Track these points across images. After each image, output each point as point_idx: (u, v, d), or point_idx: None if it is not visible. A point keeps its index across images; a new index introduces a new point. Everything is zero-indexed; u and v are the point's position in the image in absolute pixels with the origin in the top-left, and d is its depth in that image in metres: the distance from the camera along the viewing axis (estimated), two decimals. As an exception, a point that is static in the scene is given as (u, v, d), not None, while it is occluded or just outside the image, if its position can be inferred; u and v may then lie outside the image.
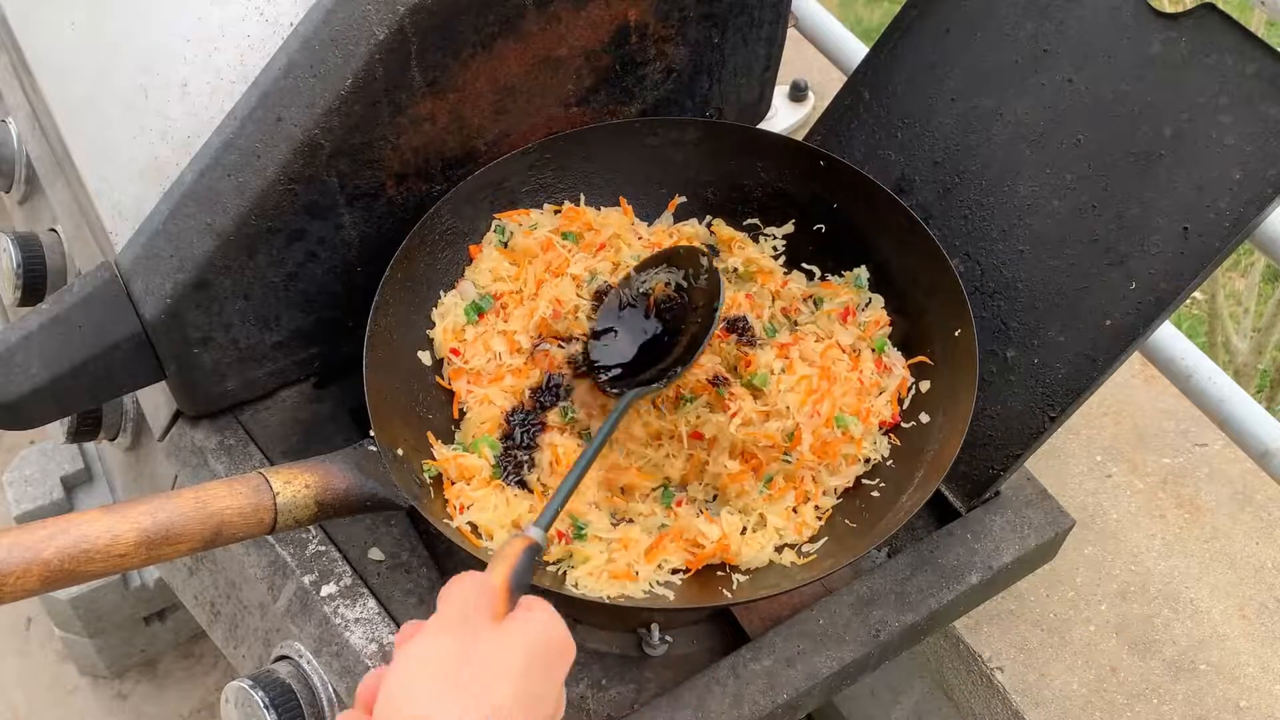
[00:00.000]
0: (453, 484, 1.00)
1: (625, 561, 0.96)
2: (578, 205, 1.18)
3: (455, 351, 1.09)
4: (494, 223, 1.15)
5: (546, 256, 1.13)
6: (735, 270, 1.18)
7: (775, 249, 1.18)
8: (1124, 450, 1.42)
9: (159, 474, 1.25)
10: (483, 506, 0.98)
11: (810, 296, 1.15)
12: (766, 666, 1.00)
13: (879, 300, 1.13)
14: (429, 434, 1.03)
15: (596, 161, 1.17)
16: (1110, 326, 1.01)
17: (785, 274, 1.17)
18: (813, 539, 1.01)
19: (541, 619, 0.71)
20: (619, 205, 1.19)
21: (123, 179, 1.02)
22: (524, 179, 1.15)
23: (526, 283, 1.12)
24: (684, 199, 1.20)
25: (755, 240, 1.19)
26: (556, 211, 1.17)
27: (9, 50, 1.18)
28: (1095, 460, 1.41)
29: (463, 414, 1.07)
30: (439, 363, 1.10)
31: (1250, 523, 1.36)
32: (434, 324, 1.10)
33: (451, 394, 1.08)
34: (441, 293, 1.11)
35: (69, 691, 1.95)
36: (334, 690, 0.98)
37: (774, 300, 1.15)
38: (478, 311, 1.10)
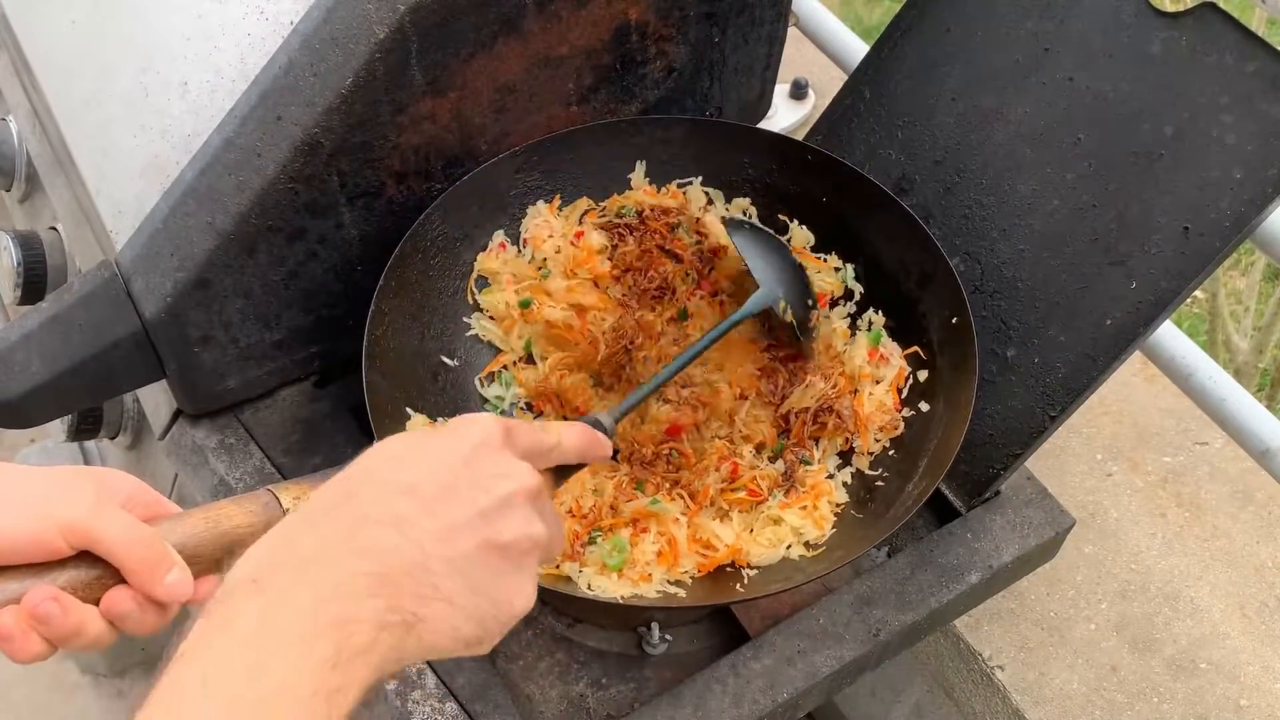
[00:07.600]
0: None
1: (641, 563, 0.96)
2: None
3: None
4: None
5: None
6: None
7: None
8: (1124, 449, 1.42)
9: (159, 473, 1.25)
10: None
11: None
12: (766, 665, 1.00)
13: (858, 288, 1.13)
14: None
15: (584, 162, 1.17)
16: (1110, 326, 1.01)
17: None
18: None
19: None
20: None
21: (123, 177, 1.02)
22: (512, 182, 1.14)
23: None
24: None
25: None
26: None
27: (9, 48, 1.18)
28: (1095, 459, 1.41)
29: None
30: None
31: (1250, 521, 1.36)
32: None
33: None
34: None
35: (69, 690, 1.95)
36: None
37: None
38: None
